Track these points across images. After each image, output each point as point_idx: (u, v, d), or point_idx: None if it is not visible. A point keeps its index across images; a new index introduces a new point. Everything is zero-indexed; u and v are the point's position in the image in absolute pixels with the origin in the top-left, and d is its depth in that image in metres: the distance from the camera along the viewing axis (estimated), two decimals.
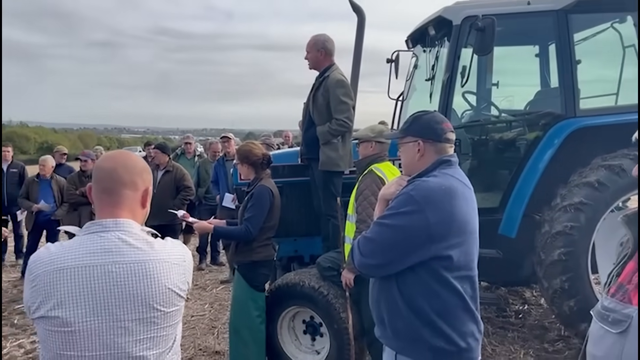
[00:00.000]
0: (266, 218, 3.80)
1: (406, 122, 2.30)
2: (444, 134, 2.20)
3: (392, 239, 2.03)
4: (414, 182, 2.12)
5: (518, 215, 4.29)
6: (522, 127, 4.72)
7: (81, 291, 1.43)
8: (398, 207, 2.04)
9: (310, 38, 4.37)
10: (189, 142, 8.59)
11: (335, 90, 4.13)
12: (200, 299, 6.34)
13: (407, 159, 2.27)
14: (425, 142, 2.18)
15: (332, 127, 4.09)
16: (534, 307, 5.56)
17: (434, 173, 2.13)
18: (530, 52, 5.47)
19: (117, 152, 1.75)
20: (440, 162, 2.17)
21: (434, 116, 2.27)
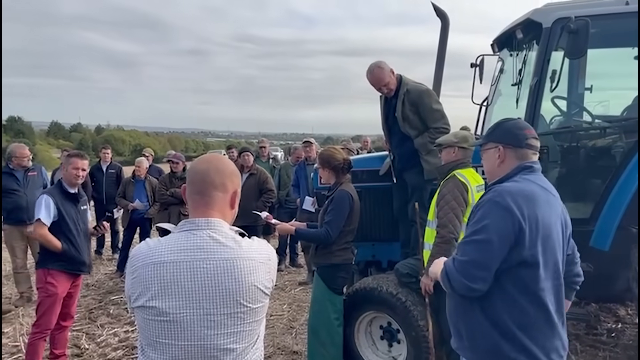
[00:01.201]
0: (346, 222, 3.85)
1: (490, 129, 2.30)
2: (525, 139, 2.18)
3: (490, 252, 1.96)
4: (493, 188, 2.11)
5: (612, 227, 4.03)
6: (618, 134, 4.42)
7: (175, 285, 1.54)
8: (483, 219, 2.00)
9: (373, 74, 4.30)
10: (263, 146, 8.86)
11: (424, 101, 4.21)
12: (279, 299, 6.50)
13: (488, 165, 2.28)
14: (506, 148, 2.19)
15: (432, 136, 4.14)
16: (628, 326, 5.19)
17: (515, 179, 2.12)
18: (628, 55, 5.12)
19: (210, 155, 1.86)
20: (521, 168, 2.15)
21: (517, 122, 2.28)
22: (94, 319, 5.90)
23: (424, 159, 4.22)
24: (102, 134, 72.40)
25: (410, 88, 4.26)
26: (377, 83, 4.32)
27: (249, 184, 6.65)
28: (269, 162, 8.74)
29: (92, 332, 5.51)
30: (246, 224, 5.33)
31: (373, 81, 4.34)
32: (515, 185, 2.07)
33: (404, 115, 4.28)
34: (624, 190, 4.03)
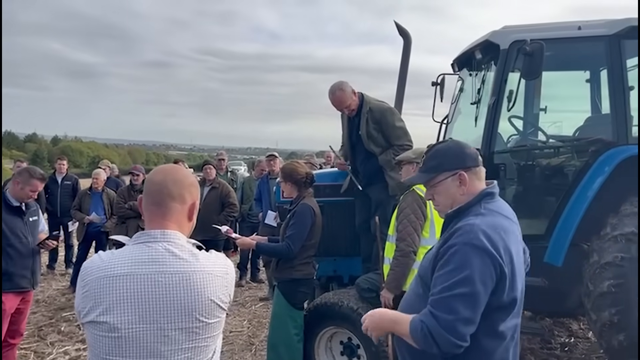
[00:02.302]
0: (307, 236, 3.84)
1: (430, 160, 2.04)
2: (477, 155, 2.04)
3: (478, 305, 1.77)
4: (460, 227, 1.86)
5: (565, 243, 4.15)
6: (571, 153, 4.60)
7: (128, 298, 1.49)
8: (464, 267, 1.76)
9: (336, 96, 4.37)
10: (222, 159, 8.80)
11: (387, 119, 4.31)
12: (239, 315, 6.40)
13: (447, 196, 2.00)
14: (467, 171, 1.97)
15: (396, 153, 4.20)
16: (581, 340, 5.34)
17: (481, 211, 1.92)
18: (580, 78, 5.35)
19: (168, 166, 1.82)
20: (484, 195, 1.97)
21: (458, 142, 2.10)
22: (43, 337, 5.66)
23: (388, 175, 4.28)
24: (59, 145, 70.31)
25: (373, 107, 4.34)
26: (338, 105, 4.40)
27: (210, 197, 6.58)
28: (227, 175, 8.69)
29: (41, 351, 5.27)
30: (206, 237, 5.28)
31: (335, 102, 4.40)
32: (485, 221, 1.86)
33: (368, 134, 4.34)
34: (575, 208, 4.17)
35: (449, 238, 1.87)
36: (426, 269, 1.97)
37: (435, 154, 2.05)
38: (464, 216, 1.93)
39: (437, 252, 1.91)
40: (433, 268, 1.89)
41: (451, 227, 1.93)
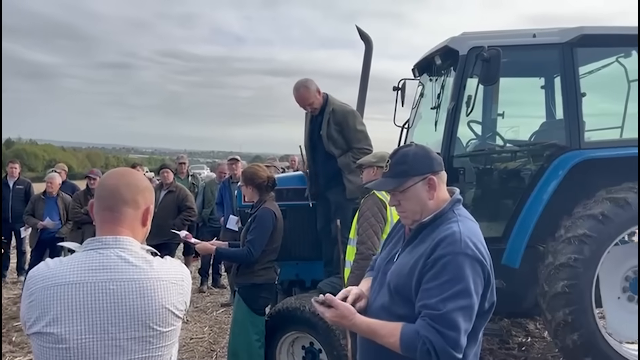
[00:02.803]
0: (268, 241, 3.80)
1: (398, 165, 1.92)
2: (441, 159, 1.99)
3: (473, 315, 1.75)
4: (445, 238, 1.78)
5: (522, 245, 4.25)
6: (527, 157, 4.72)
7: (77, 308, 1.43)
8: (460, 279, 1.72)
9: (300, 92, 4.35)
10: (182, 162, 8.67)
11: (348, 121, 4.30)
12: (200, 322, 6.29)
13: (416, 203, 1.90)
14: (436, 175, 1.91)
15: (355, 156, 4.20)
16: (537, 340, 5.47)
17: (457, 217, 1.87)
18: (536, 84, 5.51)
19: (121, 169, 1.77)
20: (455, 201, 1.93)
21: (422, 146, 1.99)
22: None
23: (346, 178, 4.28)
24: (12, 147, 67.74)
25: (336, 108, 4.34)
26: (302, 102, 4.36)
27: (166, 201, 6.46)
28: (189, 179, 8.55)
29: None
30: (161, 241, 5.15)
31: (298, 99, 4.37)
32: (466, 228, 1.82)
33: (328, 135, 4.33)
34: (531, 211, 4.28)
35: (435, 248, 1.77)
36: (403, 281, 1.84)
37: (403, 158, 1.92)
38: (440, 224, 1.86)
39: (421, 263, 1.79)
40: (418, 280, 1.79)
41: (427, 236, 1.85)
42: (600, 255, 3.97)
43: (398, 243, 2.06)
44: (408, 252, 1.92)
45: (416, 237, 1.92)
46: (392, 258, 2.00)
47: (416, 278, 1.81)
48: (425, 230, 1.90)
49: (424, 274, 1.79)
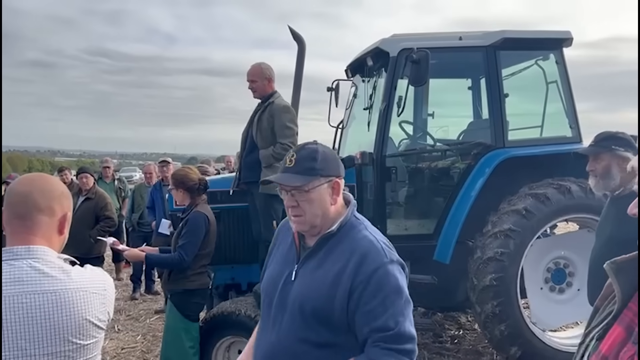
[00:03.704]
0: (201, 245, 3.71)
1: (306, 161, 1.71)
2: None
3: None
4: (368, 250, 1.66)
5: (452, 241, 4.40)
6: (456, 156, 4.89)
7: None
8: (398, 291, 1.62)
9: (252, 67, 4.37)
10: (107, 166, 8.33)
11: (281, 116, 4.21)
12: (133, 330, 6.05)
13: (319, 206, 1.71)
14: (340, 180, 1.77)
15: (277, 150, 4.12)
16: (468, 332, 5.68)
17: (361, 225, 1.76)
18: (463, 85, 5.71)
19: (34, 174, 1.66)
20: (354, 205, 1.81)
21: (328, 147, 1.85)
22: None
23: (263, 172, 4.18)
24: None
25: (276, 101, 4.29)
26: (248, 75, 4.34)
27: (84, 209, 5.98)
28: (115, 183, 8.21)
29: None
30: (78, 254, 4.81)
31: (247, 73, 4.35)
32: (378, 233, 1.75)
33: (259, 124, 4.27)
34: (460, 208, 4.44)
35: (360, 264, 1.62)
36: (322, 303, 1.65)
37: (312, 154, 1.72)
38: (348, 232, 1.73)
39: (345, 282, 1.63)
40: (344, 302, 1.62)
41: (336, 247, 1.70)
42: (524, 248, 4.18)
43: (289, 257, 1.81)
44: (315, 267, 1.71)
45: (321, 248, 1.73)
46: (289, 276, 1.75)
47: (341, 300, 1.63)
48: (332, 241, 1.72)
49: (356, 295, 1.61)
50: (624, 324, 1.17)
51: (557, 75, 4.68)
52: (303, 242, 1.80)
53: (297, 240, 1.80)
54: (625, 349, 1.13)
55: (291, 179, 1.72)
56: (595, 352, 1.22)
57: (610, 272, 1.22)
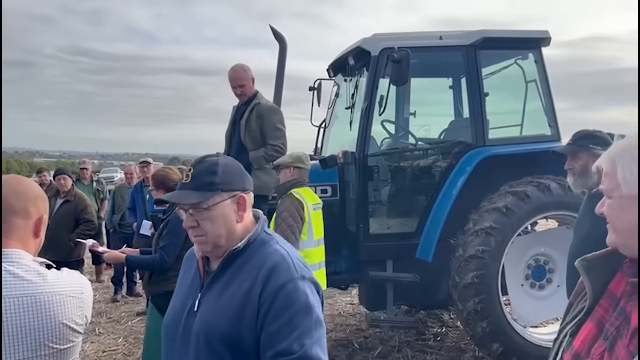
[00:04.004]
0: (183, 246, 3.66)
1: (205, 175, 1.52)
2: (251, 179, 1.71)
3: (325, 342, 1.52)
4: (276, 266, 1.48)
5: (434, 239, 4.43)
6: (437, 155, 4.93)
7: None
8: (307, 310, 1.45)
9: (235, 72, 4.29)
10: (84, 167, 8.20)
11: (270, 117, 4.22)
12: (114, 333, 5.97)
13: (222, 225, 1.52)
14: (247, 194, 1.59)
15: (268, 152, 4.13)
16: (451, 329, 5.72)
17: (272, 240, 1.59)
18: (444, 84, 5.76)
19: (9, 176, 1.63)
20: (264, 222, 1.64)
21: (232, 159, 1.66)
22: None
23: (254, 173, 4.18)
24: None
25: (262, 102, 4.29)
26: (234, 81, 4.27)
27: (63, 211, 5.86)
28: (93, 184, 8.10)
29: None
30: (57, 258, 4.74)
31: (232, 78, 4.28)
32: (291, 248, 1.59)
33: (247, 125, 4.25)
34: (442, 206, 4.47)
35: (267, 279, 1.45)
36: (230, 327, 1.46)
37: (212, 167, 1.54)
38: (258, 248, 1.55)
39: (252, 300, 1.44)
40: (252, 322, 1.44)
41: (244, 266, 1.52)
42: (505, 246, 4.22)
43: (193, 286, 1.61)
44: (221, 290, 1.52)
45: (227, 268, 1.54)
46: (192, 307, 1.54)
47: (249, 321, 1.45)
48: (239, 260, 1.54)
49: (261, 314, 1.44)
50: (595, 320, 1.20)
51: (536, 74, 4.74)
52: (207, 267, 1.60)
53: (201, 265, 1.60)
54: (596, 345, 1.16)
55: (187, 196, 1.53)
56: (568, 349, 1.24)
57: (581, 269, 1.25)
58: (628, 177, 1.11)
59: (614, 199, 1.16)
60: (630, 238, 1.11)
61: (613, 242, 1.17)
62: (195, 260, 1.64)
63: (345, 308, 6.62)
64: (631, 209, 1.11)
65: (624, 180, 1.12)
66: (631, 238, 1.11)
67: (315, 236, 3.80)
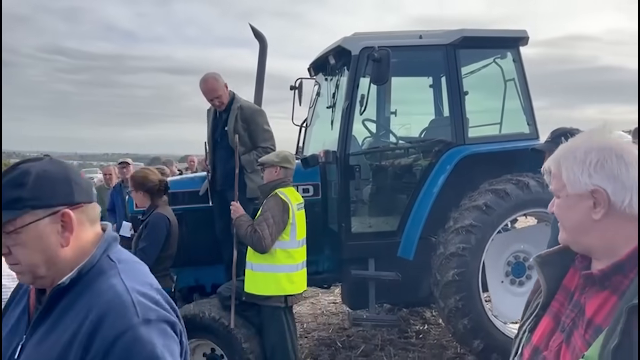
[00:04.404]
0: (163, 247, 3.64)
1: (12, 188, 1.17)
2: (93, 187, 1.45)
3: None
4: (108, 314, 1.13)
5: (415, 238, 4.45)
6: (418, 153, 4.95)
7: None
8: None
9: (207, 83, 4.22)
10: None
11: (256, 119, 4.24)
12: None
13: (40, 252, 1.19)
14: (76, 209, 1.23)
15: (260, 154, 4.14)
16: (433, 327, 5.76)
17: (113, 270, 1.23)
18: (425, 83, 5.79)
19: None
20: (110, 240, 1.28)
21: (60, 163, 1.28)
22: None
23: (248, 176, 4.19)
24: None
25: (244, 105, 4.26)
26: (209, 93, 4.21)
27: None
28: None
29: None
30: None
31: (206, 91, 4.22)
32: (134, 278, 1.24)
33: (235, 130, 4.23)
34: (423, 204, 4.50)
35: (96, 329, 1.11)
36: None
37: (19, 179, 1.18)
38: (92, 281, 1.21)
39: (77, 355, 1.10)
40: None
41: (73, 305, 1.18)
42: (485, 243, 4.26)
43: (20, 324, 1.28)
44: (44, 334, 1.19)
45: (54, 306, 1.21)
46: (14, 353, 1.21)
47: None
48: (68, 296, 1.21)
49: None
50: (552, 315, 1.28)
51: (514, 73, 4.78)
52: (39, 300, 1.27)
53: (32, 297, 1.29)
54: (554, 338, 1.23)
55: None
56: (528, 344, 1.30)
57: (536, 265, 1.33)
58: (571, 178, 1.18)
59: (561, 199, 1.23)
60: (579, 235, 1.19)
61: (564, 240, 1.25)
62: (29, 290, 1.31)
63: (327, 307, 6.63)
64: (577, 207, 1.18)
65: (568, 180, 1.19)
66: (579, 235, 1.20)
67: (299, 237, 3.79)
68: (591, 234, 1.17)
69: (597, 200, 1.15)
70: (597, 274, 1.17)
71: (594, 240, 1.18)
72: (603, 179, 1.14)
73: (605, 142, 1.17)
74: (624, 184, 1.12)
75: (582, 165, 1.16)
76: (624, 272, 1.13)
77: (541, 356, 1.24)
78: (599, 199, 1.14)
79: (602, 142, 1.18)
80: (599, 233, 1.16)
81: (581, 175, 1.16)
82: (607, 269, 1.15)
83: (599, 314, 1.14)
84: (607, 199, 1.13)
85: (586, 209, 1.16)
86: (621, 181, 1.13)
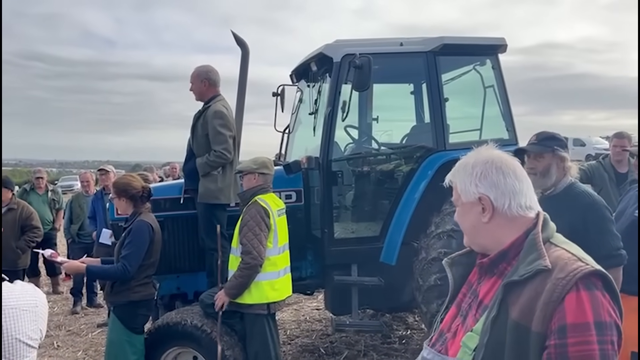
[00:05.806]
0: (145, 255, 3.61)
1: None
2: None
3: None
4: None
5: (397, 243, 4.48)
6: (400, 159, 4.99)
7: None
8: None
9: (194, 69, 4.33)
10: (40, 177, 7.96)
11: (212, 121, 4.09)
12: (73, 346, 5.80)
13: None
14: None
15: (210, 158, 4.05)
16: (416, 332, 5.79)
17: None
18: (406, 90, 5.85)
19: None
20: None
21: None
22: None
23: (200, 181, 4.14)
24: None
25: (214, 106, 4.16)
26: (191, 77, 4.30)
27: (6, 220, 5.80)
28: (48, 194, 7.88)
29: None
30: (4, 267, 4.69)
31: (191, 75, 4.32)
32: None
33: (194, 131, 4.22)
34: (405, 210, 4.53)
35: None
36: None
37: None
38: None
39: None
40: None
41: None
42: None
43: None
44: None
45: None
46: None
47: None
48: None
49: None
50: (456, 304, 1.50)
51: (493, 80, 4.86)
52: None
53: None
54: (455, 322, 1.45)
55: None
56: (436, 331, 1.53)
57: (446, 265, 1.58)
58: (464, 189, 1.39)
59: (459, 207, 1.44)
60: (474, 236, 1.41)
61: (466, 242, 1.47)
62: None
63: (311, 313, 6.62)
64: (470, 213, 1.39)
65: (462, 191, 1.40)
66: (475, 236, 1.41)
67: (280, 243, 3.80)
68: (483, 235, 1.38)
69: (484, 206, 1.35)
70: (486, 262, 1.39)
71: (486, 239, 1.39)
72: (487, 187, 1.34)
73: (489, 156, 1.38)
74: (503, 190, 1.33)
75: (471, 177, 1.35)
76: (507, 259, 1.34)
77: (444, 337, 1.45)
78: (485, 204, 1.35)
79: (487, 156, 1.38)
80: (489, 233, 1.37)
81: (470, 186, 1.36)
82: (494, 257, 1.36)
83: (487, 296, 1.35)
84: (491, 204, 1.34)
85: (477, 214, 1.37)
86: (500, 189, 1.33)
